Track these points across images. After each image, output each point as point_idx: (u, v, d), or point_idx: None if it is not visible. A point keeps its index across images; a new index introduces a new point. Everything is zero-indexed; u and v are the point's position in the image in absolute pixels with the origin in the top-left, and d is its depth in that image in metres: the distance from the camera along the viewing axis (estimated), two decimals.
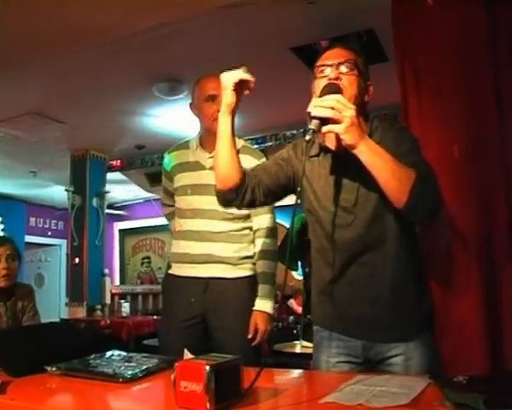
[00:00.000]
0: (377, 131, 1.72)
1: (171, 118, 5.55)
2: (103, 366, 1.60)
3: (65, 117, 5.56)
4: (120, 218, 9.67)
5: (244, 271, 2.53)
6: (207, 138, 2.57)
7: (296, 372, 1.77)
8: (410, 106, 2.37)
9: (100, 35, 3.68)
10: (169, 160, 2.70)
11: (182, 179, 2.60)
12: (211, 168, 2.52)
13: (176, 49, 4.12)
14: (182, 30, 3.69)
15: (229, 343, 2.34)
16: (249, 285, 2.50)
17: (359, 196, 1.68)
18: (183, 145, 2.69)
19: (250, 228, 2.58)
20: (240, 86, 1.66)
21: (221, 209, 2.46)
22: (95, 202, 6.77)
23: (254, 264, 2.55)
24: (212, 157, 2.54)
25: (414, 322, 1.73)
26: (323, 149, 1.78)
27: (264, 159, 2.54)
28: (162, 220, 2.98)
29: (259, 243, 2.55)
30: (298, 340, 3.67)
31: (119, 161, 7.11)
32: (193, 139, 2.66)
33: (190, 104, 2.64)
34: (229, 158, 1.73)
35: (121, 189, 8.21)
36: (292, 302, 5.83)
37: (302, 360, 3.15)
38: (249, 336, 2.41)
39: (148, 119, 5.69)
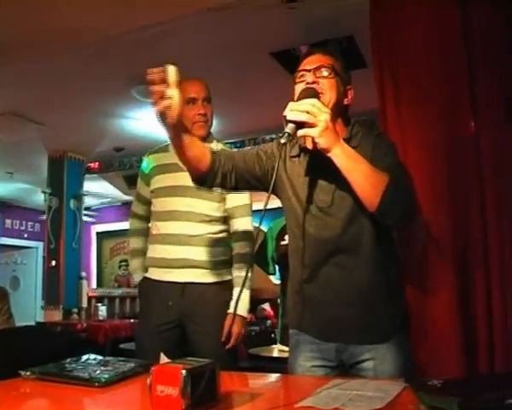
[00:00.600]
0: (357, 137, 1.75)
1: (150, 120, 5.53)
2: (79, 370, 1.56)
3: (43, 118, 5.53)
4: (98, 220, 9.60)
5: (221, 276, 2.51)
6: None
7: (273, 377, 1.77)
8: (388, 110, 2.40)
9: (81, 37, 3.67)
10: (148, 162, 2.67)
11: (159, 181, 2.59)
12: None
13: (156, 52, 4.09)
14: (162, 33, 3.68)
15: (205, 347, 2.34)
16: (226, 290, 2.48)
17: (335, 196, 1.70)
18: (163, 148, 2.67)
19: (228, 231, 2.57)
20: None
21: (198, 211, 2.46)
22: (72, 204, 6.73)
23: (231, 268, 2.54)
24: None
25: (387, 324, 1.74)
26: (303, 150, 1.80)
27: None
28: None
29: (236, 246, 2.54)
30: (275, 344, 3.67)
31: (97, 164, 7.07)
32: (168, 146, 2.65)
33: None
34: (193, 148, 1.76)
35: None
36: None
37: (279, 365, 3.15)
38: (222, 339, 2.39)
39: (127, 121, 5.67)
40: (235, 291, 2.47)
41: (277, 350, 3.48)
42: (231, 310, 2.44)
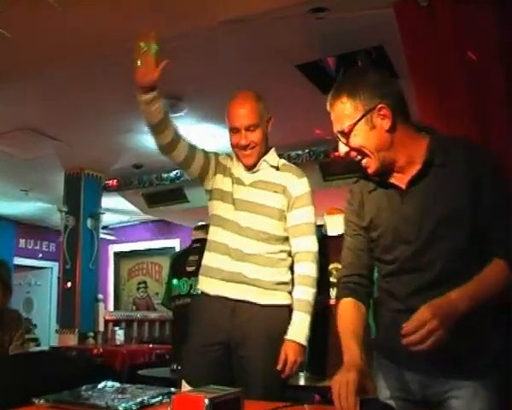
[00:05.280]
0: (439, 152, 1.61)
1: None
2: (95, 397, 1.57)
3: (59, 134, 5.52)
4: (116, 240, 9.54)
5: (277, 298, 2.39)
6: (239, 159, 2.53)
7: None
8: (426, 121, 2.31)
9: (98, 49, 3.65)
10: (220, 155, 2.58)
11: (223, 183, 2.49)
12: (250, 185, 2.45)
13: (176, 66, 4.01)
14: (183, 46, 3.63)
15: (252, 374, 2.26)
16: (282, 314, 2.36)
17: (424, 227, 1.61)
18: (230, 156, 2.58)
19: (289, 252, 2.44)
20: None
21: (257, 228, 2.40)
22: (89, 223, 6.68)
23: (291, 292, 2.41)
24: (253, 172, 2.47)
25: (479, 359, 1.58)
26: (379, 184, 1.72)
27: (305, 178, 2.48)
28: (160, 244, 2.80)
29: (297, 267, 2.40)
30: (302, 371, 3.49)
31: (115, 181, 7.08)
32: (232, 154, 2.57)
33: None
34: None
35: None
36: None
37: (306, 393, 3.01)
38: (278, 367, 2.25)
39: (147, 137, 5.58)
40: (294, 315, 2.34)
41: (304, 378, 3.31)
42: (288, 336, 2.30)
